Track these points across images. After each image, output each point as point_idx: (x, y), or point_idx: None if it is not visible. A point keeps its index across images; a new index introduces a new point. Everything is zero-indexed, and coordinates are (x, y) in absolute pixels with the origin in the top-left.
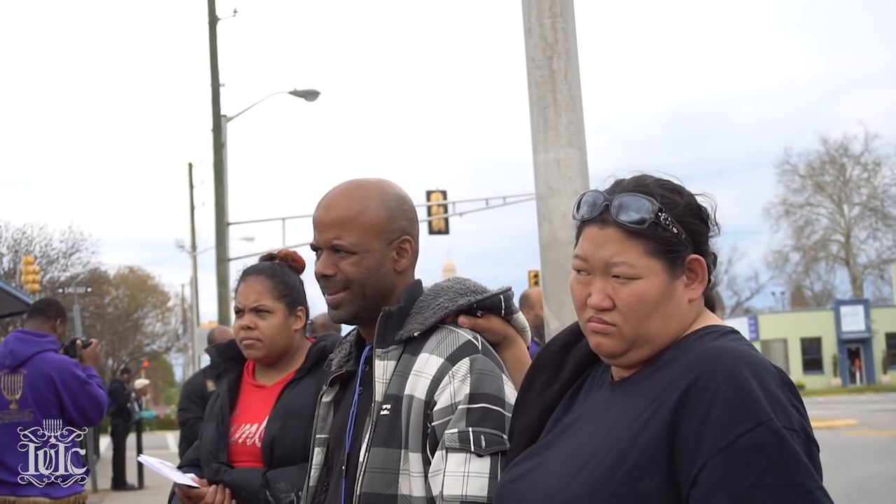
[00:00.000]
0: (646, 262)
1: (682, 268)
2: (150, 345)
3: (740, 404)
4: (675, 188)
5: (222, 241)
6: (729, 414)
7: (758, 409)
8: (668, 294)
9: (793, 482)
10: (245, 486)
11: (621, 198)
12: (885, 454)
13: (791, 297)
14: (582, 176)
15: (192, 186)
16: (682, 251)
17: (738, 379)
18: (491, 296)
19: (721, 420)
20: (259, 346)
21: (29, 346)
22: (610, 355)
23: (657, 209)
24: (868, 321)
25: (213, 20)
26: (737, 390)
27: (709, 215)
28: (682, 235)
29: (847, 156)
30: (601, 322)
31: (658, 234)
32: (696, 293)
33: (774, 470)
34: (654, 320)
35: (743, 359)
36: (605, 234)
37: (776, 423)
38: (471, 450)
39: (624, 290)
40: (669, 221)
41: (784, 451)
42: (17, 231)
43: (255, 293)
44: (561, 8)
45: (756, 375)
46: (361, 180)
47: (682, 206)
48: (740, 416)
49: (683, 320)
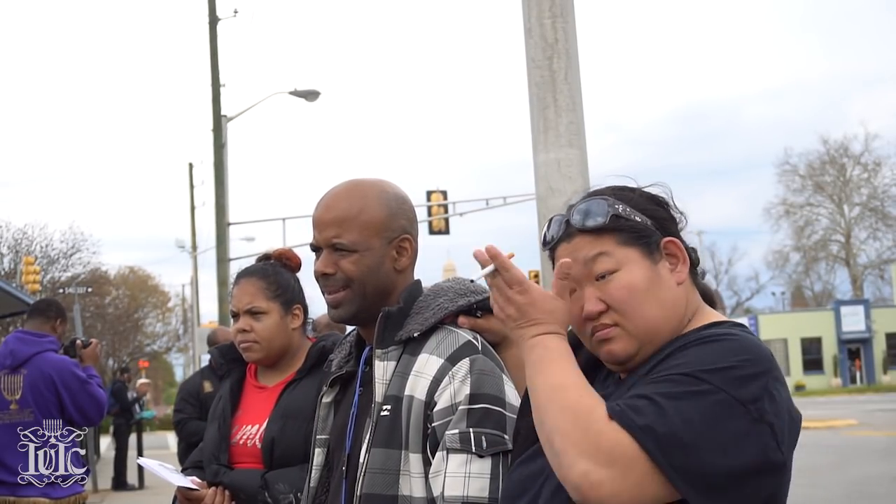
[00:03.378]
0: (623, 252)
1: (658, 252)
2: (150, 345)
3: (704, 361)
4: (625, 186)
5: (223, 241)
6: (686, 359)
7: (713, 375)
8: (654, 279)
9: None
10: (244, 487)
11: (577, 207)
12: (884, 454)
13: (791, 298)
14: (582, 176)
15: (193, 186)
16: (653, 236)
17: (721, 347)
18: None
19: (676, 363)
20: (256, 349)
21: (29, 347)
22: (624, 358)
23: (612, 203)
24: (868, 321)
25: (213, 20)
26: (711, 353)
27: (667, 202)
28: (648, 222)
29: (847, 156)
30: (603, 327)
31: (623, 225)
32: (681, 275)
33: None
34: (650, 308)
35: (740, 341)
36: (575, 243)
37: (726, 394)
38: (472, 450)
39: (611, 287)
40: (629, 211)
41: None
42: (17, 231)
43: (248, 295)
44: (561, 8)
45: (744, 352)
46: (361, 180)
47: (636, 197)
48: (695, 365)
49: (680, 305)
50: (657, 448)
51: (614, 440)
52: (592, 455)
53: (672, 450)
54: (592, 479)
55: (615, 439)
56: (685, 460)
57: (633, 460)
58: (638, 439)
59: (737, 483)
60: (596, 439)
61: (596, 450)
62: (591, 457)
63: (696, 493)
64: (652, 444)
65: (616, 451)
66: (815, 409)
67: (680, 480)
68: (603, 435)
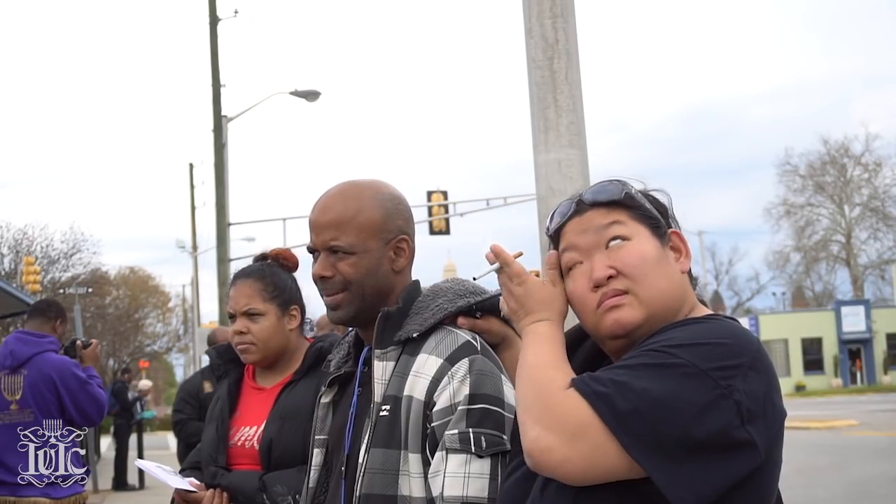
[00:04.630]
0: (634, 225)
1: (665, 239)
2: (150, 345)
3: (682, 338)
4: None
5: (223, 242)
6: (665, 336)
7: (688, 351)
8: (663, 256)
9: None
10: (242, 489)
11: (590, 189)
12: (885, 454)
13: (792, 298)
14: (583, 176)
15: (193, 187)
16: (660, 224)
17: (705, 327)
18: (490, 297)
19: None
20: (254, 350)
21: (29, 347)
22: (630, 327)
23: (625, 186)
24: (869, 322)
25: (213, 21)
26: (692, 332)
27: (666, 208)
28: (654, 212)
29: (848, 156)
30: (615, 294)
31: (635, 203)
32: (685, 265)
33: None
34: (659, 279)
35: (728, 325)
36: (587, 216)
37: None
38: (471, 450)
39: (622, 252)
40: (641, 197)
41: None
42: (18, 231)
43: (244, 297)
44: (561, 8)
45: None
46: (356, 181)
47: (643, 194)
48: (670, 341)
49: (682, 291)
50: (612, 415)
51: (569, 407)
52: (543, 420)
53: (627, 417)
54: (542, 445)
55: (569, 406)
56: (639, 428)
57: (586, 427)
58: (593, 405)
59: (694, 455)
60: (549, 405)
61: (548, 415)
62: (542, 422)
63: (651, 462)
64: (606, 411)
65: (569, 418)
66: (815, 409)
67: (634, 449)
68: (557, 402)
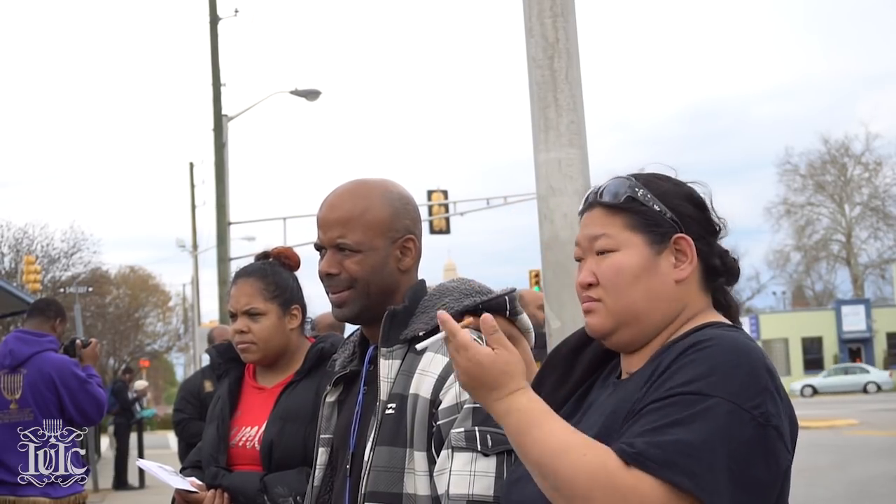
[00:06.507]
0: (626, 236)
1: (666, 245)
2: (151, 344)
3: (702, 374)
4: (666, 176)
5: (223, 241)
6: (686, 376)
7: (715, 386)
8: (649, 269)
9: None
10: (243, 490)
11: (606, 183)
12: (885, 454)
13: (792, 297)
14: (583, 175)
15: (194, 186)
16: (666, 228)
17: (715, 352)
18: (496, 297)
19: (675, 380)
20: (254, 350)
21: (28, 346)
22: (599, 333)
23: (635, 186)
24: (869, 321)
25: (214, 20)
26: (707, 362)
27: (703, 203)
28: (667, 214)
29: (848, 155)
30: (589, 299)
31: (637, 208)
32: (683, 273)
33: (683, 419)
34: (635, 294)
35: (730, 342)
36: (592, 216)
37: (732, 404)
38: (477, 449)
39: (604, 264)
40: (649, 198)
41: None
42: (18, 231)
43: (245, 296)
44: (561, 7)
45: (738, 354)
46: (365, 180)
47: (668, 188)
48: (695, 380)
49: (672, 301)
50: (690, 481)
51: (643, 489)
52: None
53: (702, 477)
54: None
55: (643, 487)
56: (715, 484)
57: (669, 501)
58: (666, 477)
59: (757, 490)
60: (623, 495)
61: (619, 502)
62: None
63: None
64: (682, 479)
65: (647, 498)
66: (816, 408)
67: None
68: (628, 486)
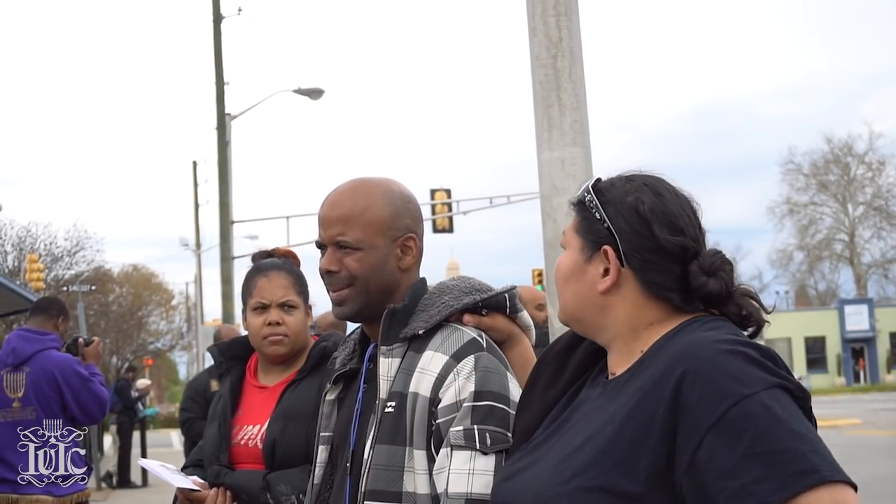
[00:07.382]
0: (571, 236)
1: (598, 254)
2: (153, 343)
3: (725, 383)
4: (633, 179)
5: (226, 239)
6: (714, 393)
7: (741, 384)
8: (577, 273)
9: (782, 447)
10: (246, 488)
11: (589, 182)
12: (888, 453)
13: (795, 297)
14: (586, 174)
15: (197, 185)
16: (600, 237)
17: (720, 361)
18: (496, 294)
19: (707, 402)
20: (286, 342)
21: (31, 345)
22: (560, 321)
23: (587, 189)
24: (872, 320)
25: (217, 18)
26: (719, 372)
27: (648, 218)
28: (605, 223)
29: (851, 155)
30: None
31: (583, 213)
32: (603, 286)
33: (765, 438)
34: (566, 294)
35: (721, 344)
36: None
37: (761, 395)
38: (476, 447)
39: (558, 258)
40: (594, 205)
41: (772, 420)
42: (21, 229)
43: (281, 288)
44: (565, 7)
45: (735, 353)
46: (367, 178)
47: (615, 197)
48: (725, 392)
49: (601, 310)
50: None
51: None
52: None
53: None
54: None
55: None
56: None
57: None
58: (842, 479)
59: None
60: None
61: None
62: None
63: None
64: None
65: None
66: (818, 408)
67: None
68: None
